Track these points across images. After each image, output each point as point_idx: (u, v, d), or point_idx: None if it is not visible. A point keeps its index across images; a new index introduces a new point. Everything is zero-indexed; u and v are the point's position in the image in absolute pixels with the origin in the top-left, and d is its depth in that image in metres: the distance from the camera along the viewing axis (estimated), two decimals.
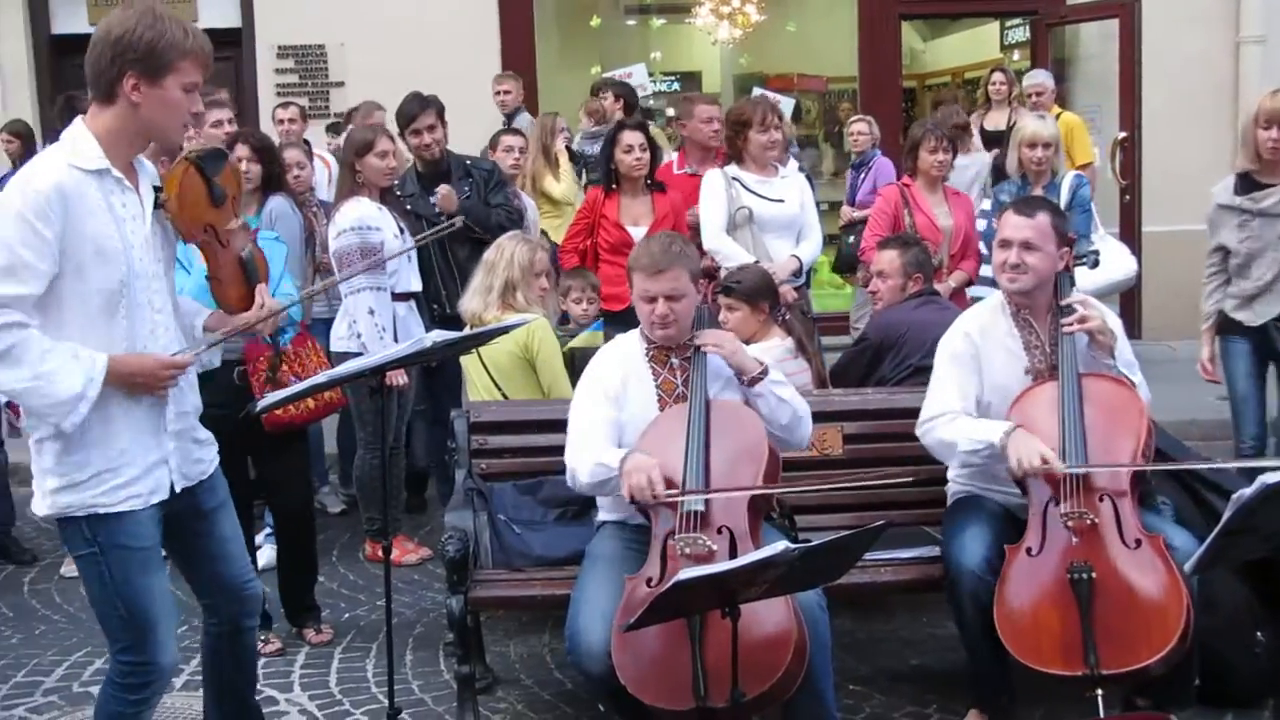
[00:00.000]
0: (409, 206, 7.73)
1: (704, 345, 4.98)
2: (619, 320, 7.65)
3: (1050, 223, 5.13)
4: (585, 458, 4.91)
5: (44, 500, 4.03)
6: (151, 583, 4.07)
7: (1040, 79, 11.52)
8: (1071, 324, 5.06)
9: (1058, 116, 11.19)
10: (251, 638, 4.60)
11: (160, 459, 4.09)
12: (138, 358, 3.97)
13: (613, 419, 5.01)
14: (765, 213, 7.74)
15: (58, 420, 3.87)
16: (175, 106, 3.96)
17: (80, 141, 3.94)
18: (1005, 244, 5.15)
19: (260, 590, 4.56)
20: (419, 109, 7.92)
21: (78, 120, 4.00)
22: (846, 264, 10.55)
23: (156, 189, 4.10)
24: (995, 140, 11.46)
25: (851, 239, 10.11)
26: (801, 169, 8.68)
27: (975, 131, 11.58)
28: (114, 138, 3.96)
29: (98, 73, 3.92)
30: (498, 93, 11.51)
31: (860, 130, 11.31)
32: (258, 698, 4.77)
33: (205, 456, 4.31)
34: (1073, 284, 5.38)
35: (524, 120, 11.11)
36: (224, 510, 4.38)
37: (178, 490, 4.15)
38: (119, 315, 3.95)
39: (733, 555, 4.42)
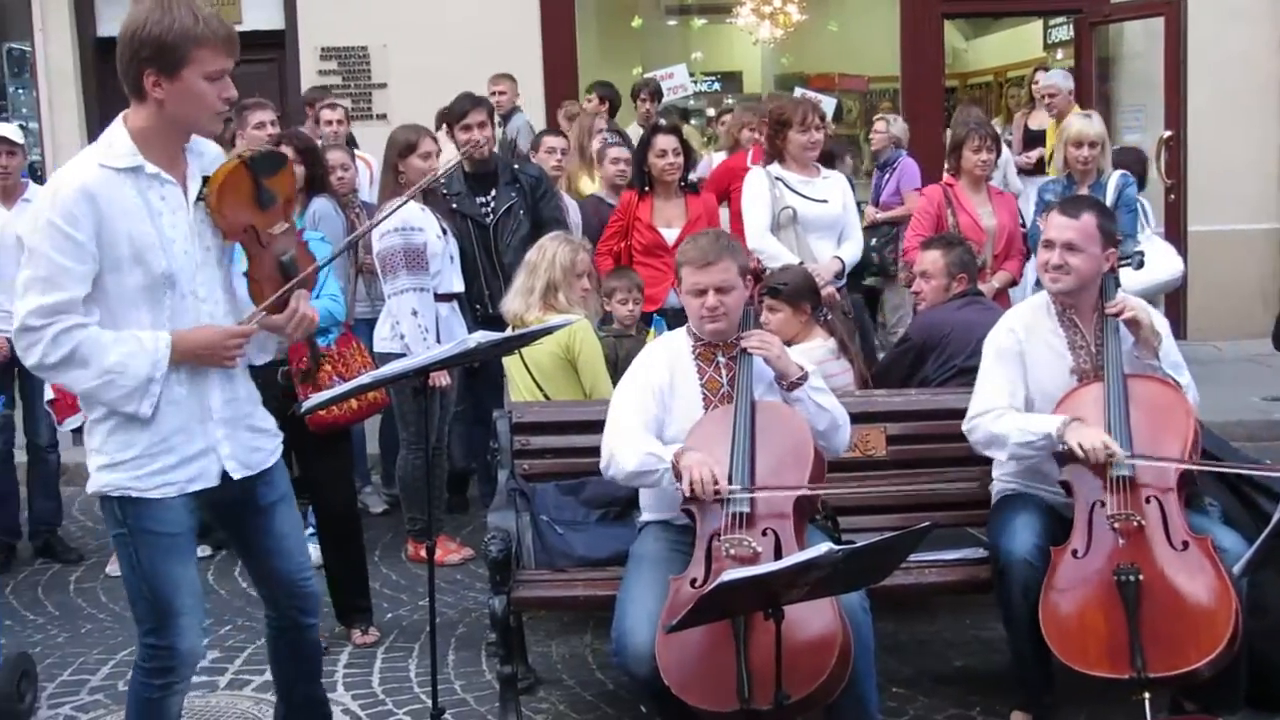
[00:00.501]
0: (454, 206, 7.74)
1: (749, 345, 4.97)
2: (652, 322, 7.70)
3: (1096, 224, 5.09)
4: (631, 446, 4.89)
5: (93, 479, 4.06)
6: (176, 569, 4.08)
7: (1055, 80, 11.45)
8: (1117, 307, 5.04)
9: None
10: (311, 634, 4.60)
11: (206, 447, 4.09)
12: (201, 331, 4.00)
13: (656, 418, 5.01)
14: (809, 213, 7.72)
15: (133, 408, 3.92)
16: (199, 98, 3.90)
17: (115, 140, 3.95)
18: (1048, 244, 5.12)
19: (316, 588, 4.57)
20: (471, 105, 7.95)
21: (117, 118, 4.01)
22: (864, 265, 10.50)
23: (205, 179, 4.09)
24: (1039, 139, 11.42)
25: (874, 240, 10.03)
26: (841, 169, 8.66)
27: (1018, 129, 11.54)
28: (147, 134, 3.95)
29: (123, 73, 3.92)
30: (492, 93, 11.46)
31: (879, 129, 11.22)
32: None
33: (265, 445, 4.29)
34: (1118, 285, 5.34)
35: (519, 121, 11.07)
36: (283, 505, 4.37)
37: (234, 477, 4.15)
38: (164, 308, 3.97)
39: (777, 557, 4.41)
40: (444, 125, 8.72)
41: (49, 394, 7.52)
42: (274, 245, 4.13)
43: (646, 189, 8.31)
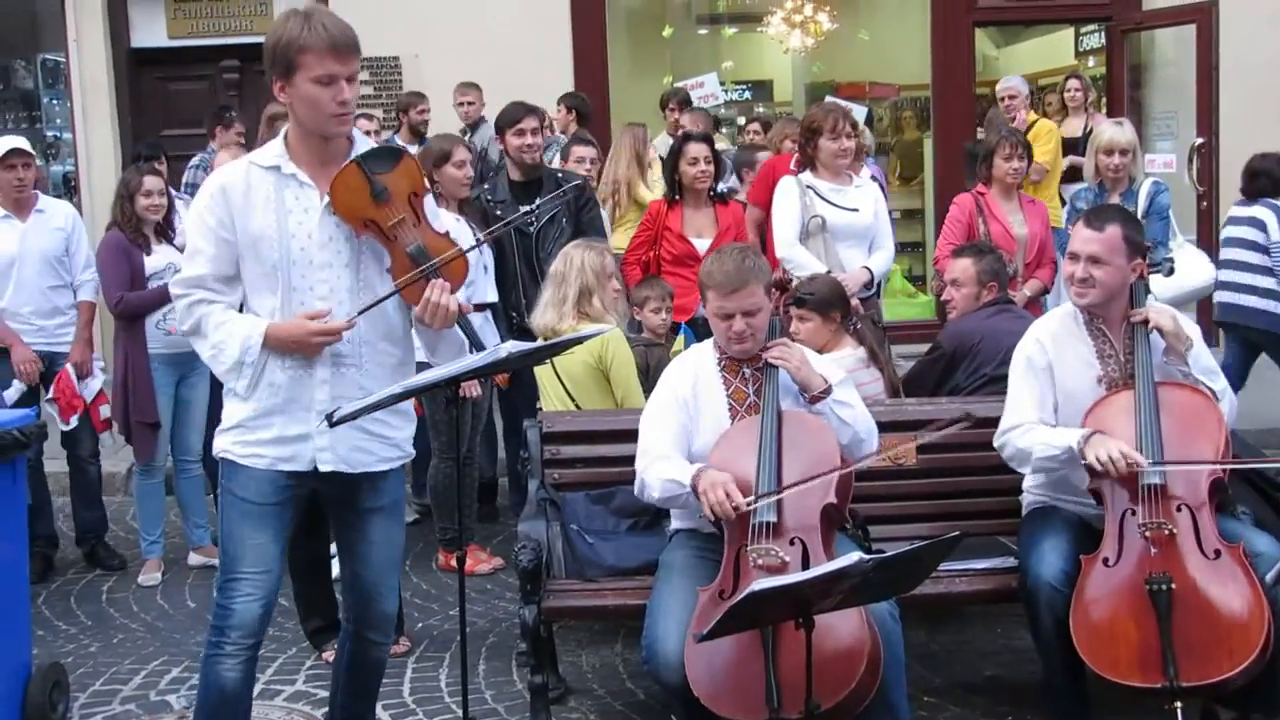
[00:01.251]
0: (499, 213, 7.75)
1: (771, 358, 4.95)
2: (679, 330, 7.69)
3: (1121, 235, 5.06)
4: (656, 473, 4.91)
5: (216, 440, 4.44)
6: (248, 533, 4.31)
7: (1013, 83, 11.50)
8: (1140, 316, 5.02)
9: (1032, 124, 11.15)
10: (375, 653, 4.67)
11: (303, 433, 4.29)
12: (289, 323, 4.24)
13: (684, 429, 5.01)
14: (839, 221, 7.70)
15: (232, 383, 4.30)
16: (312, 101, 4.13)
17: (271, 144, 4.33)
18: (1073, 257, 5.11)
19: (393, 609, 4.66)
20: (524, 112, 7.95)
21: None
22: None
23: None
24: (1071, 147, 11.38)
25: None
26: (874, 178, 8.63)
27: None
28: (294, 140, 4.28)
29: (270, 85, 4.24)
30: (460, 103, 11.46)
31: None
32: (308, 701, 4.81)
33: (375, 450, 4.42)
34: (1148, 292, 5.32)
35: (486, 132, 11.00)
36: (383, 515, 4.51)
37: (322, 469, 4.32)
38: (276, 296, 4.26)
39: (805, 566, 4.42)
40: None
41: (49, 393, 7.64)
42: (400, 237, 4.25)
43: (676, 198, 8.33)
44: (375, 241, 4.28)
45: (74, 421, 7.70)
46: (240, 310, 4.35)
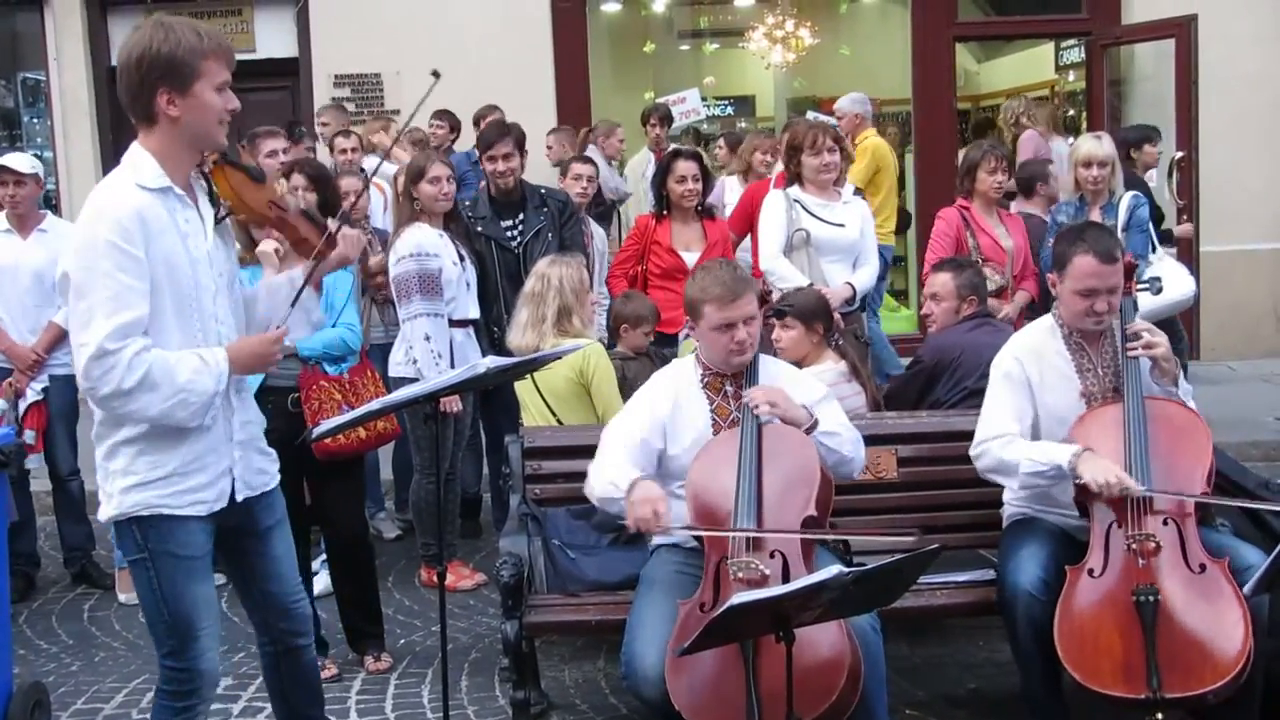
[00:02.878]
0: (479, 229, 7.74)
1: (753, 405, 4.91)
2: (669, 343, 7.69)
3: (1126, 260, 5.09)
4: (601, 474, 4.92)
5: (110, 503, 4.09)
6: (196, 590, 4.14)
7: (842, 105, 11.57)
8: (1136, 348, 5.03)
9: (862, 141, 11.22)
10: (308, 656, 4.64)
11: (227, 467, 4.17)
12: (246, 341, 4.17)
13: (647, 440, 5.02)
14: (823, 236, 7.71)
15: (198, 422, 4.02)
16: (211, 109, 4.03)
17: (140, 163, 4.03)
18: (1092, 293, 5.02)
19: (308, 609, 4.62)
20: (496, 137, 7.94)
21: (134, 143, 4.08)
22: None
23: (214, 202, 4.19)
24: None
25: None
26: (858, 192, 8.66)
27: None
28: (166, 155, 4.04)
29: (133, 98, 4.02)
30: (433, 130, 11.44)
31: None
32: None
33: (269, 469, 4.40)
34: (1136, 308, 5.34)
35: (457, 159, 10.98)
36: (279, 529, 4.44)
37: (239, 499, 4.21)
38: (194, 329, 4.06)
39: (786, 579, 4.41)
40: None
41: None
42: (291, 203, 4.34)
43: (664, 212, 8.36)
44: (272, 228, 4.35)
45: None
46: None
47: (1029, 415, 5.14)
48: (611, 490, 4.82)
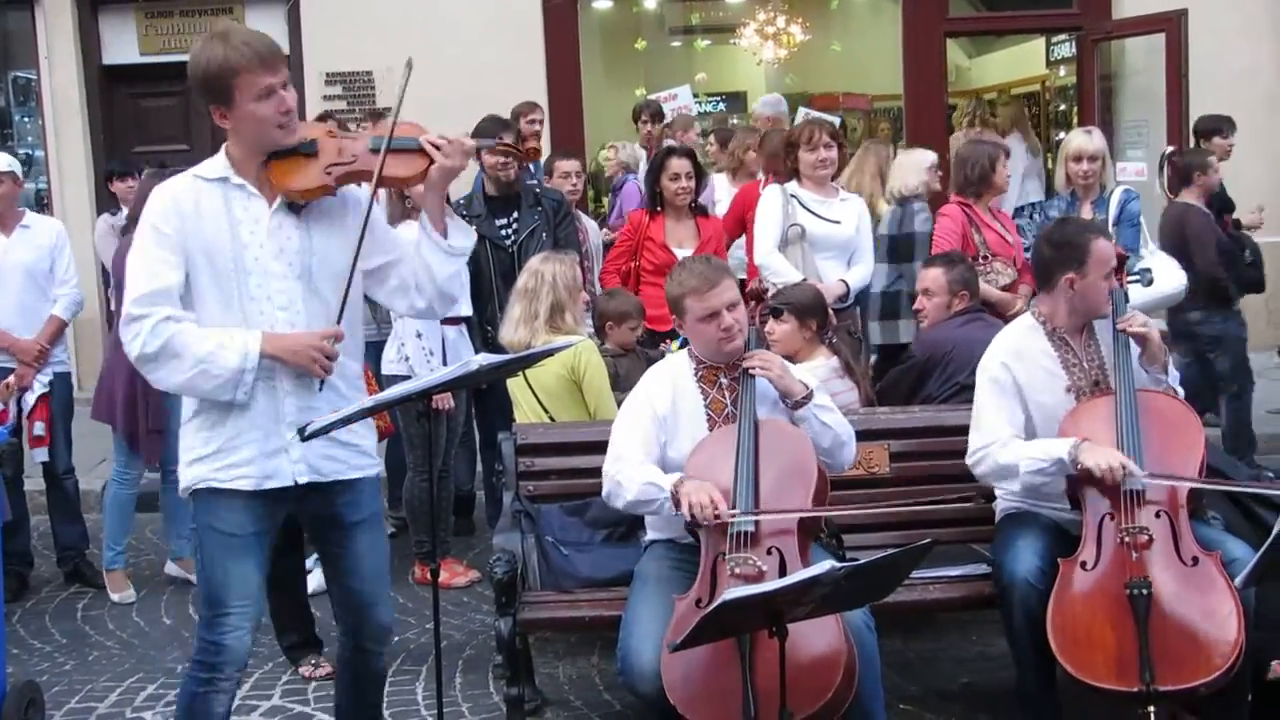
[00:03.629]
0: (474, 228, 7.72)
1: (750, 366, 4.97)
2: (662, 339, 7.70)
3: (1115, 253, 5.11)
4: (632, 475, 4.90)
5: (182, 476, 4.37)
6: (231, 567, 4.30)
7: (759, 108, 11.65)
8: (1125, 323, 5.04)
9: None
10: (374, 664, 4.72)
11: (279, 448, 4.29)
12: (293, 334, 4.22)
13: (655, 438, 5.02)
14: (819, 232, 7.72)
15: (229, 396, 4.18)
16: (257, 119, 4.15)
17: (213, 159, 4.32)
18: (1111, 271, 5.13)
19: (386, 620, 4.67)
20: (498, 129, 7.90)
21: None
22: None
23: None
24: None
25: None
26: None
27: None
28: (236, 157, 4.28)
29: (205, 112, 4.26)
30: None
31: (608, 156, 11.30)
32: None
33: (344, 458, 4.44)
34: (1127, 300, 5.36)
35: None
36: (365, 527, 4.54)
37: (299, 481, 4.32)
38: (234, 309, 4.22)
39: (783, 574, 4.42)
40: None
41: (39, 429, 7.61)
42: (355, 151, 4.31)
43: (658, 209, 8.36)
44: (354, 182, 4.34)
45: (39, 456, 7.68)
46: None
47: (1020, 417, 5.14)
48: (652, 491, 4.82)
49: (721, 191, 9.94)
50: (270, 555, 4.53)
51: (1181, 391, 5.16)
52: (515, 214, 7.92)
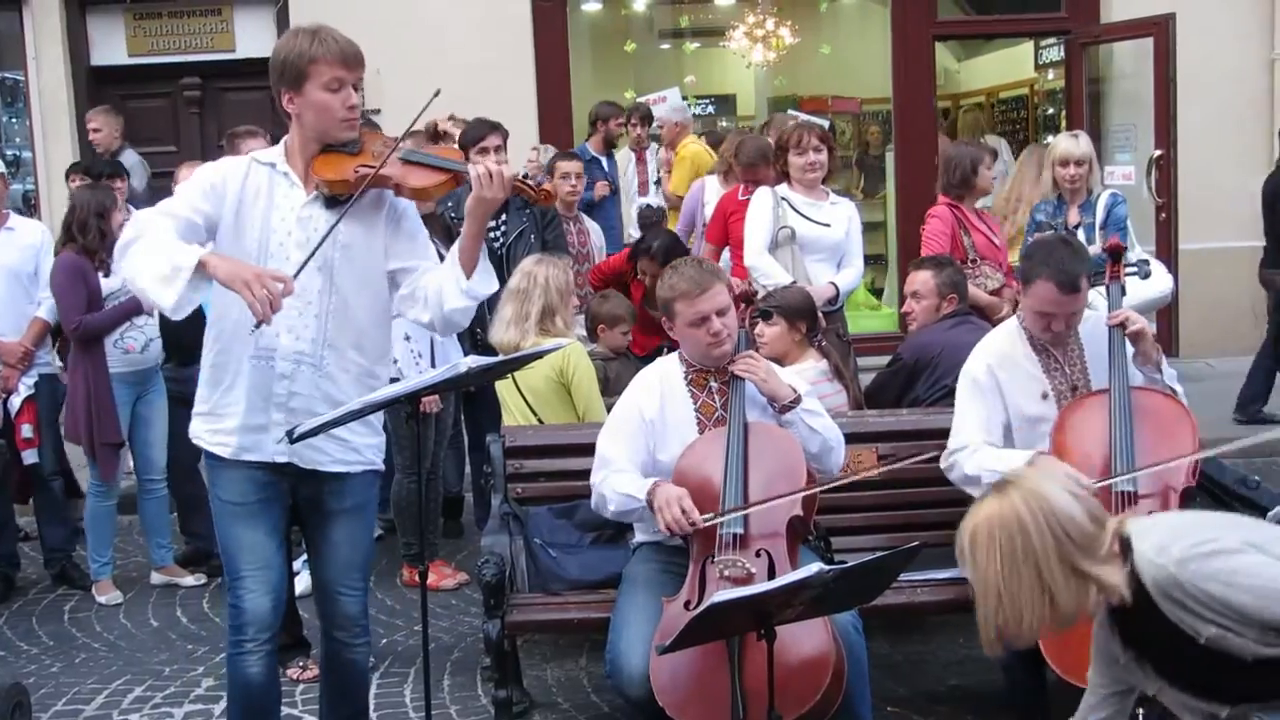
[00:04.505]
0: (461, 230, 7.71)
1: (738, 370, 4.98)
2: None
3: (1087, 282, 5.07)
4: (612, 487, 4.94)
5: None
6: (239, 533, 4.48)
7: (662, 113, 11.69)
8: (1119, 319, 5.04)
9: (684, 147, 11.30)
10: (348, 655, 4.75)
11: (262, 424, 4.42)
12: (243, 263, 4.24)
13: (643, 443, 5.03)
14: (809, 234, 7.73)
15: (158, 293, 4.16)
16: (324, 106, 4.35)
17: (274, 147, 4.57)
18: (1049, 316, 5.06)
19: (356, 611, 4.69)
20: (487, 130, 7.94)
21: None
22: None
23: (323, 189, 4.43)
24: None
25: None
26: (837, 191, 8.69)
27: None
28: (293, 146, 4.47)
29: (275, 99, 4.43)
30: (92, 130, 11.15)
31: (530, 158, 11.32)
32: None
33: (329, 450, 4.52)
34: (1124, 293, 5.36)
35: (130, 158, 10.85)
36: (345, 517, 4.62)
37: (277, 460, 4.44)
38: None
39: (771, 577, 4.43)
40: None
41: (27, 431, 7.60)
42: (390, 159, 4.41)
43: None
44: (377, 186, 4.41)
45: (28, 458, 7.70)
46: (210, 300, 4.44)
47: (999, 421, 5.16)
48: (630, 503, 4.87)
49: (712, 194, 9.95)
50: (284, 527, 4.66)
51: (1180, 390, 5.15)
52: (503, 216, 7.92)
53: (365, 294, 4.49)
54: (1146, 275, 7.40)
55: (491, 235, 7.82)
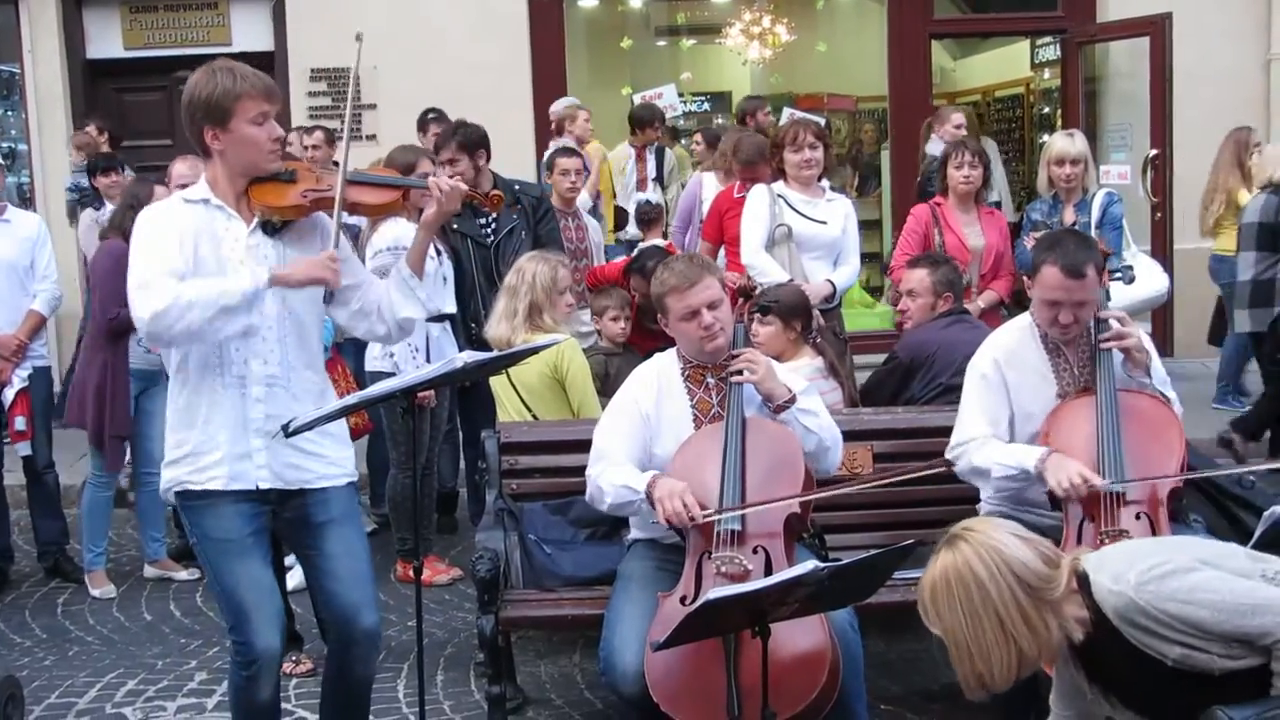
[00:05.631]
0: (454, 226, 7.72)
1: (735, 368, 4.96)
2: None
3: (1096, 269, 5.03)
4: (609, 480, 4.91)
5: (162, 480, 4.56)
6: (239, 569, 4.45)
7: (556, 109, 11.71)
8: (1109, 340, 5.04)
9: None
10: (356, 672, 4.74)
11: (244, 452, 4.44)
12: (296, 264, 4.44)
13: (639, 438, 5.02)
14: (805, 232, 7.73)
15: (245, 319, 4.33)
16: (251, 140, 4.38)
17: (195, 186, 4.55)
18: (1055, 305, 5.03)
19: (369, 624, 4.64)
20: (441, 141, 8.00)
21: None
22: None
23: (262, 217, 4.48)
24: None
25: None
26: (834, 187, 8.69)
27: None
28: (217, 180, 4.47)
29: (191, 135, 4.45)
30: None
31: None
32: (289, 719, 4.82)
33: (312, 467, 4.56)
34: (1108, 298, 5.36)
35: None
36: (338, 526, 4.61)
37: (263, 487, 4.46)
38: None
39: (768, 574, 4.42)
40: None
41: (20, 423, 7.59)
42: (329, 180, 4.53)
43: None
44: (326, 208, 4.52)
45: (21, 449, 7.68)
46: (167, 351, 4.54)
47: (1004, 416, 5.15)
48: (628, 494, 4.85)
49: (710, 191, 9.94)
50: (271, 553, 4.68)
51: (1173, 395, 5.15)
52: (493, 214, 7.91)
53: (313, 314, 4.60)
54: (1130, 281, 7.42)
55: (482, 231, 7.82)
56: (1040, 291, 5.09)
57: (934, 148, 10.54)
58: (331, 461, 4.61)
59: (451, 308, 7.47)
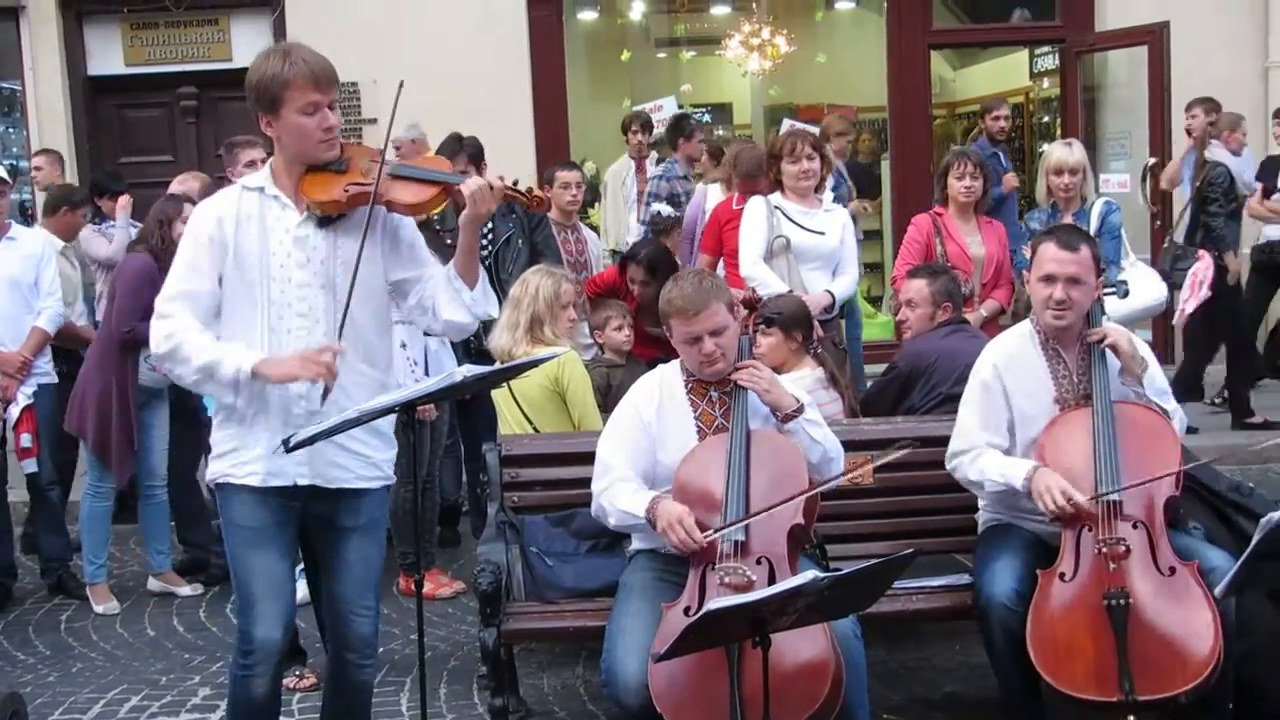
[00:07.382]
0: (449, 241, 7.72)
1: (740, 380, 4.97)
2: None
3: (1091, 254, 5.11)
4: (612, 502, 4.93)
5: (209, 471, 4.60)
6: (254, 559, 4.47)
7: (399, 132, 11.52)
8: (1096, 335, 5.07)
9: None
10: (355, 675, 4.75)
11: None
12: (285, 356, 4.34)
13: (643, 449, 5.03)
14: (804, 243, 7.75)
15: (230, 400, 4.41)
16: (300, 129, 4.35)
17: (259, 171, 4.59)
18: (1049, 279, 5.08)
19: (368, 631, 4.69)
20: (448, 153, 7.98)
21: None
22: None
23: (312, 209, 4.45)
24: None
25: None
26: (838, 199, 8.70)
27: None
28: (277, 169, 4.49)
29: (255, 121, 4.46)
30: (36, 167, 11.05)
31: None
32: None
33: (351, 467, 4.54)
34: (1103, 313, 5.38)
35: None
36: (358, 534, 4.62)
37: (299, 484, 4.45)
38: (259, 309, 4.40)
39: (771, 584, 4.42)
40: None
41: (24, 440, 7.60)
42: (375, 172, 4.41)
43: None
44: (364, 203, 4.39)
45: (28, 467, 7.70)
46: (217, 322, 4.46)
47: (1004, 423, 5.17)
48: (629, 519, 4.88)
49: (713, 203, 9.96)
50: (295, 549, 4.70)
51: (1170, 406, 5.16)
52: (490, 222, 7.91)
53: (368, 307, 4.50)
54: (1124, 295, 7.44)
55: (480, 242, 7.81)
56: (1036, 269, 5.17)
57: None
58: (374, 463, 4.60)
59: None
